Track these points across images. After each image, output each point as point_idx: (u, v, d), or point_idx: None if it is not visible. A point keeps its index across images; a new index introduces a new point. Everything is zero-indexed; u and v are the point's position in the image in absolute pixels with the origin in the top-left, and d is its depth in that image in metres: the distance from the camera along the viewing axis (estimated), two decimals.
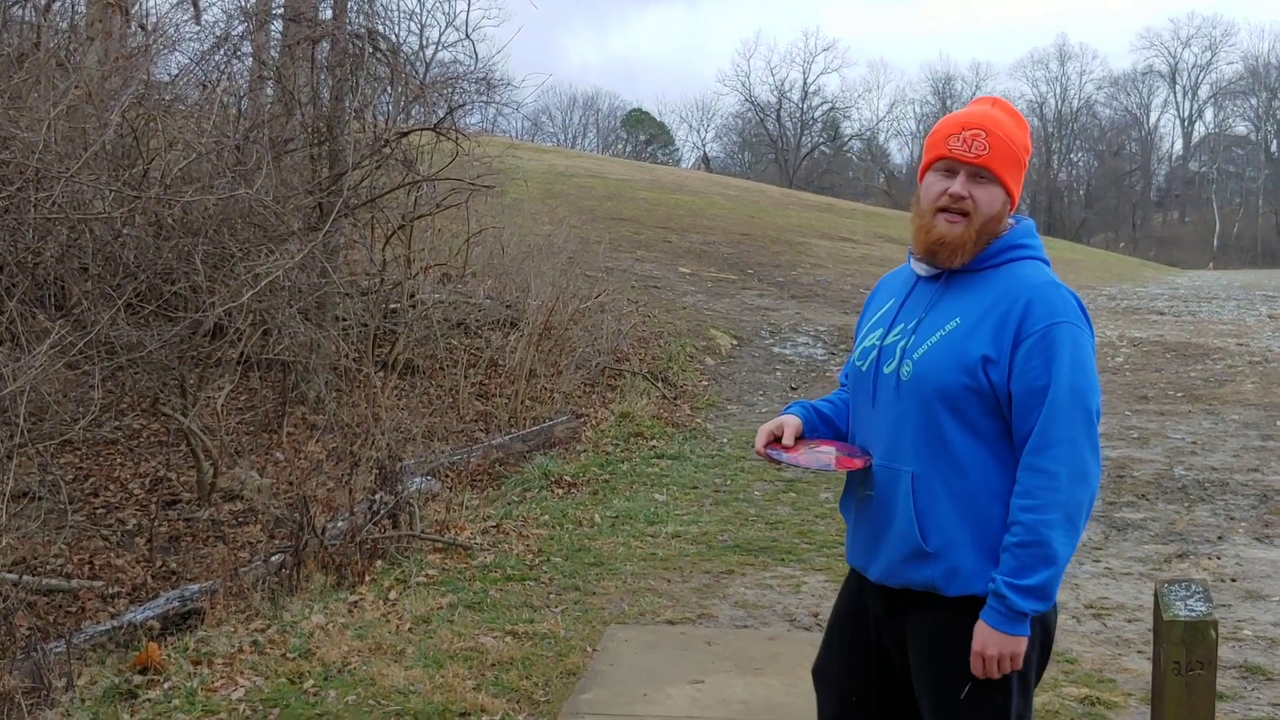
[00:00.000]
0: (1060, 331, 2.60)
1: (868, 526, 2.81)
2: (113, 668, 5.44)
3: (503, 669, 5.32)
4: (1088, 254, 42.17)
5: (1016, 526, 2.55)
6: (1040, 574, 2.53)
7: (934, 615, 2.69)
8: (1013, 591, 2.53)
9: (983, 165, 2.72)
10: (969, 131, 2.74)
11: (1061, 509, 2.53)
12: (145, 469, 9.73)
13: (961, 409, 2.65)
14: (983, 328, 2.65)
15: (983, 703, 2.63)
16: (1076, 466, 2.55)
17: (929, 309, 2.77)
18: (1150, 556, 7.50)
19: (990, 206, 2.73)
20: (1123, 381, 13.67)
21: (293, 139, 10.55)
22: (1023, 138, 2.80)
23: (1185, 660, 2.50)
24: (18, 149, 6.07)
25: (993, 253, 2.75)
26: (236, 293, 7.57)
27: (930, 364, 2.68)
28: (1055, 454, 2.54)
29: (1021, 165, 2.79)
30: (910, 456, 2.69)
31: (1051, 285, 2.68)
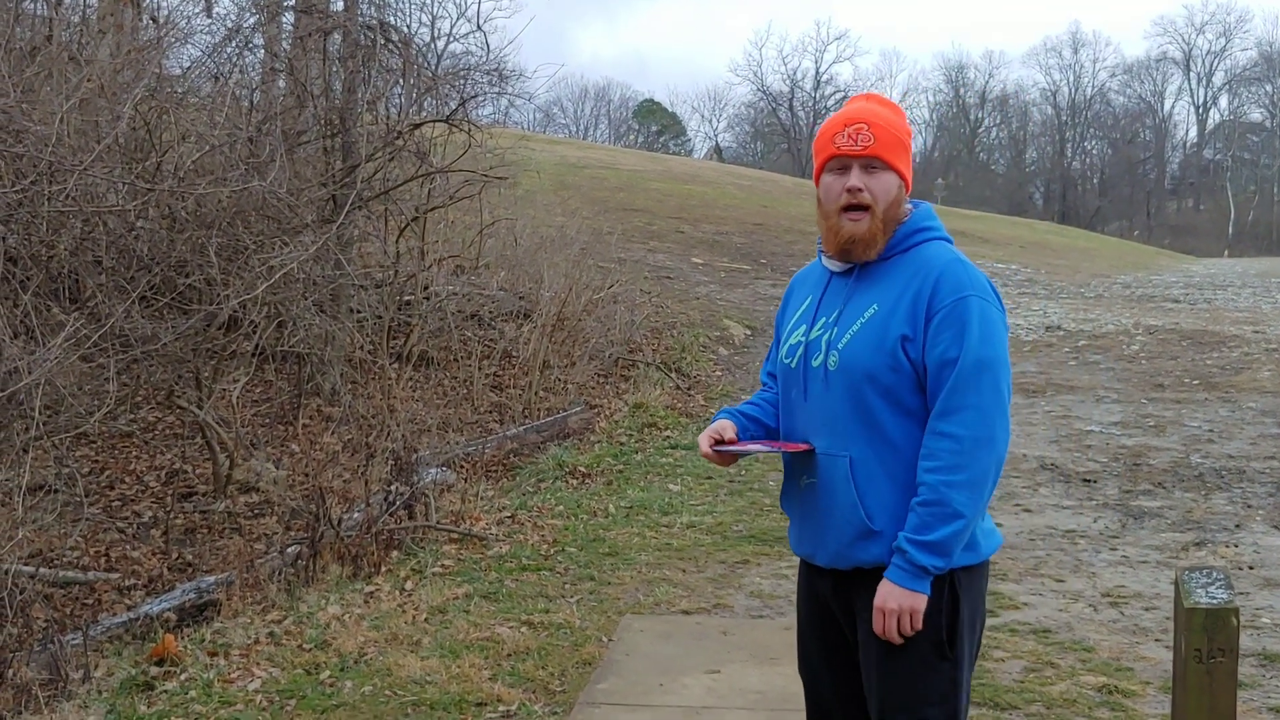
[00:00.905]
0: (968, 305, 2.72)
1: (812, 514, 2.89)
2: (129, 659, 5.46)
3: (519, 659, 5.32)
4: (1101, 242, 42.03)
5: (921, 487, 2.67)
6: (939, 530, 2.63)
7: (877, 586, 2.77)
8: (913, 547, 2.66)
9: (871, 155, 2.83)
10: (852, 127, 2.85)
11: (964, 471, 2.63)
12: (161, 462, 9.75)
13: (888, 390, 2.75)
14: (899, 310, 2.77)
15: (926, 673, 2.73)
16: (981, 431, 2.65)
17: (847, 301, 2.88)
18: (1167, 545, 7.46)
19: (887, 194, 2.84)
20: (1138, 370, 13.61)
21: (305, 131, 10.55)
22: (901, 123, 2.92)
23: (1206, 648, 2.48)
24: (31, 142, 6.08)
25: (899, 239, 2.87)
26: (251, 285, 7.57)
27: (854, 351, 2.79)
28: (960, 419, 2.66)
29: (906, 149, 2.91)
30: (846, 441, 2.79)
31: (958, 262, 2.81)
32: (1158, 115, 79.79)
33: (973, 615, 2.81)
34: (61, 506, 7.40)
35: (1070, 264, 26.83)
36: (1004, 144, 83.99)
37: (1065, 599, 6.40)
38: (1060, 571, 6.90)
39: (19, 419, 5.80)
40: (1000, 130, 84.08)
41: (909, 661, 2.73)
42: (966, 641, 2.79)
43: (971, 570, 2.81)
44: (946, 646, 2.74)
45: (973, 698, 4.86)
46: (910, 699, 2.74)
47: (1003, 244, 29.86)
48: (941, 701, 2.74)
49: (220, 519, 8.54)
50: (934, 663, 2.73)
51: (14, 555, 5.74)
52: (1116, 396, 12.23)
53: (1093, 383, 12.95)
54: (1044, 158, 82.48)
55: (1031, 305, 18.74)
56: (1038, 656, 5.45)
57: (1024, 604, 6.28)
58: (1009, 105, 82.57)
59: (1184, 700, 2.50)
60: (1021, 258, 26.86)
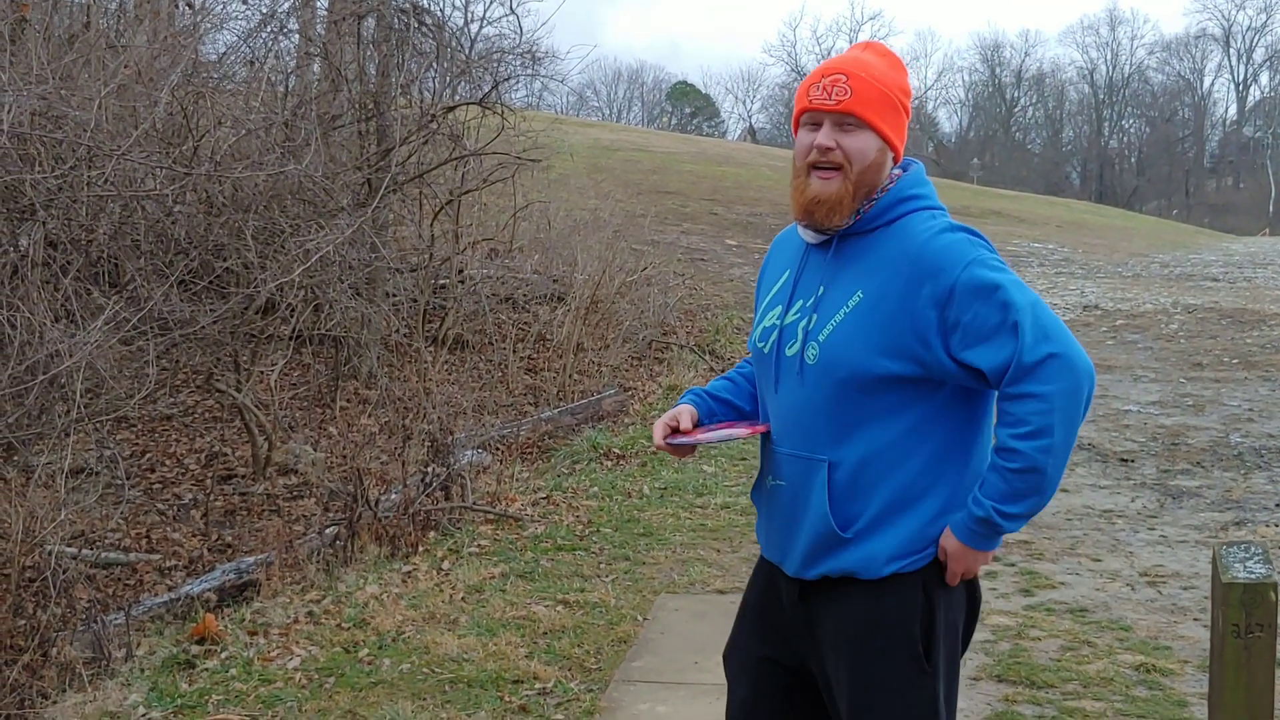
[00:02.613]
0: (976, 271, 2.41)
1: (780, 517, 2.63)
2: (171, 638, 5.52)
3: (555, 637, 5.35)
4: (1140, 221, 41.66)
5: (1008, 453, 2.38)
6: (1028, 501, 2.41)
7: (850, 601, 2.53)
8: (999, 516, 2.39)
9: (845, 111, 2.50)
10: (828, 78, 2.52)
11: (1056, 433, 2.35)
12: (200, 445, 9.85)
13: (875, 391, 2.46)
14: (889, 302, 2.45)
15: (904, 689, 2.48)
16: (1068, 380, 2.36)
17: (827, 282, 2.56)
18: (1206, 524, 7.41)
19: (864, 156, 2.51)
20: (1177, 349, 13.49)
21: (340, 115, 10.60)
22: (895, 78, 2.58)
23: (1244, 623, 2.46)
24: (70, 128, 6.14)
25: (881, 209, 2.54)
26: (287, 268, 7.63)
27: (837, 346, 2.49)
28: (1042, 373, 2.35)
29: (895, 107, 2.56)
30: (824, 444, 2.52)
31: (945, 233, 2.48)
32: (1197, 93, 78.94)
33: (951, 620, 2.55)
34: (103, 489, 7.50)
35: (1108, 243, 26.60)
36: (1040, 123, 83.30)
37: (1103, 578, 6.37)
38: (1098, 551, 6.87)
39: (60, 401, 5.88)
40: (1037, 109, 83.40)
41: (883, 679, 2.48)
42: (944, 649, 2.52)
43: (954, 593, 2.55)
44: (924, 660, 2.48)
45: (1008, 676, 4.89)
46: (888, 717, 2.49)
47: (1039, 224, 29.64)
48: (928, 715, 2.49)
49: (259, 501, 8.62)
50: (911, 677, 2.47)
51: (57, 536, 5.81)
52: (1154, 376, 12.14)
53: (1130, 362, 12.86)
54: (1081, 137, 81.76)
55: (1068, 285, 18.61)
56: (1074, 635, 5.44)
57: (1061, 583, 6.26)
58: (1045, 84, 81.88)
59: (1221, 675, 2.49)
60: (1058, 237, 26.66)
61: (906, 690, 2.47)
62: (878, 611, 2.50)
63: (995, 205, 32.95)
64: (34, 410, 5.83)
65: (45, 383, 5.52)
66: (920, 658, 2.47)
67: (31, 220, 6.10)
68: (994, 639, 5.38)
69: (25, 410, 5.72)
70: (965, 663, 5.02)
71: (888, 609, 2.50)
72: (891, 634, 2.49)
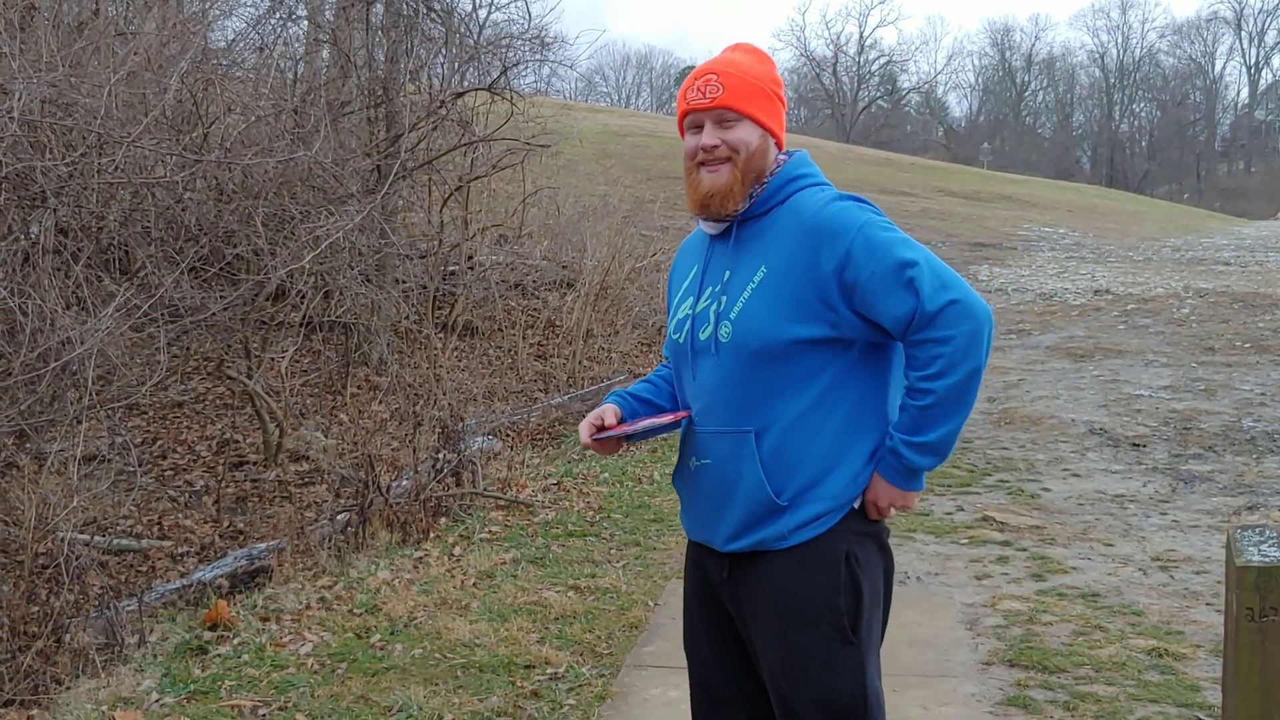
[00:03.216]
0: (870, 232, 2.52)
1: (708, 496, 2.70)
2: (183, 624, 5.54)
3: (566, 622, 5.36)
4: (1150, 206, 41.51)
5: (917, 393, 2.51)
6: (936, 430, 2.51)
7: (775, 574, 2.61)
8: (908, 449, 2.53)
9: (721, 107, 2.65)
10: (701, 80, 2.68)
11: (962, 366, 2.47)
12: (212, 431, 9.87)
13: (789, 357, 2.56)
14: (793, 273, 2.57)
15: (830, 660, 2.57)
16: (967, 322, 2.47)
17: (731, 267, 2.68)
18: (1219, 509, 7.39)
19: (747, 145, 2.65)
20: (1188, 333, 13.45)
21: (349, 102, 10.59)
22: (765, 70, 2.73)
23: (1259, 606, 2.45)
24: (80, 115, 6.14)
25: (772, 191, 2.68)
26: (297, 255, 7.63)
27: (749, 319, 2.59)
28: (943, 319, 2.47)
29: (769, 97, 2.70)
30: (747, 416, 2.61)
31: (834, 202, 2.60)
32: (1208, 76, 78.54)
33: (874, 590, 2.63)
34: (115, 476, 7.52)
35: (1119, 227, 26.51)
36: (1051, 107, 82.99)
37: (1114, 563, 6.36)
38: (1109, 536, 6.86)
39: (72, 388, 5.89)
40: (1047, 94, 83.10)
41: (810, 651, 2.57)
42: (870, 621, 2.61)
43: (866, 544, 2.63)
44: (849, 631, 2.57)
45: (1020, 660, 4.89)
46: (816, 690, 2.56)
47: (1050, 208, 29.55)
48: (851, 688, 2.57)
49: (271, 487, 8.64)
50: (837, 649, 2.56)
51: (69, 523, 5.83)
52: (1166, 360, 12.10)
53: (1142, 346, 12.82)
54: (1091, 121, 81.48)
55: (1079, 269, 18.56)
56: (1086, 620, 5.43)
57: (1073, 568, 6.25)
58: (1056, 68, 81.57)
59: (1235, 660, 2.48)
60: (1069, 222, 26.57)
61: (833, 661, 2.57)
62: (802, 583, 2.59)
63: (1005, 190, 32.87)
64: (46, 397, 5.84)
65: (57, 370, 5.53)
66: (845, 629, 2.57)
67: (43, 207, 6.10)
68: (1006, 624, 5.37)
69: (37, 397, 5.73)
70: (976, 647, 5.04)
71: (812, 581, 2.58)
72: (816, 606, 2.58)
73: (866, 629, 2.60)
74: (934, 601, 5.74)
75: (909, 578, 6.12)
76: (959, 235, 22.24)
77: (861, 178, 30.14)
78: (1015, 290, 16.77)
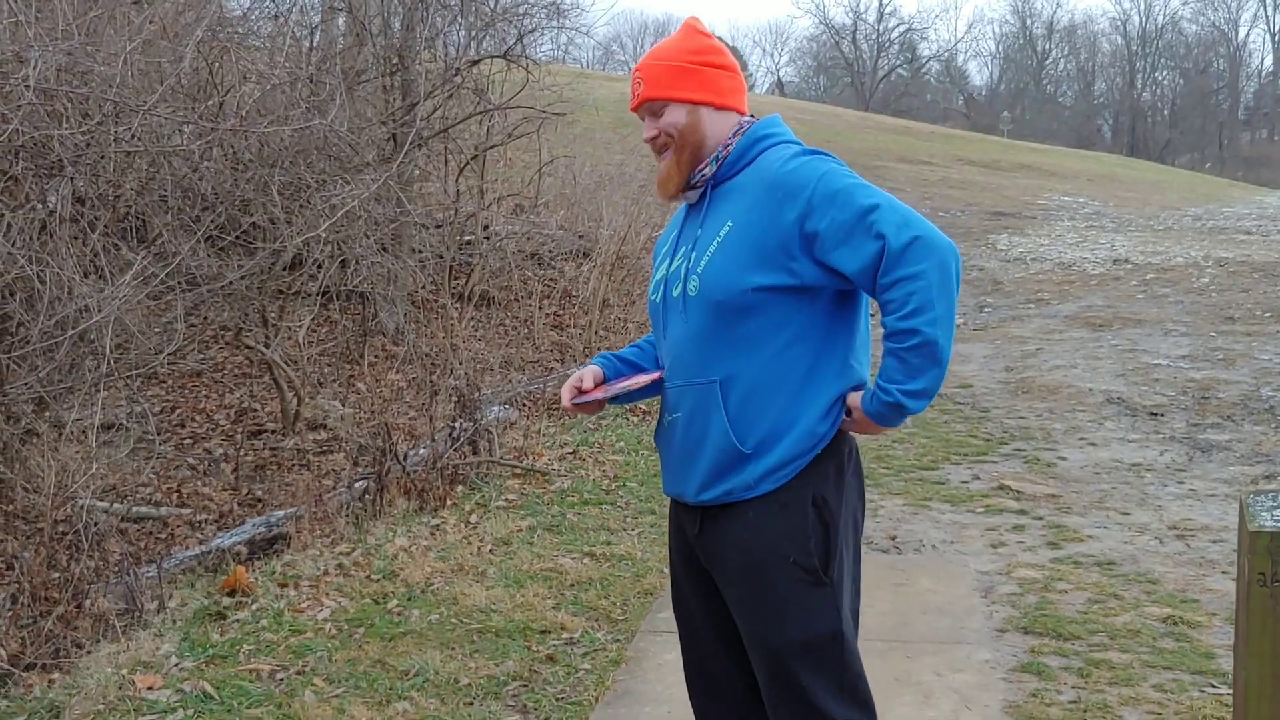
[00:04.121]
0: (832, 179, 2.56)
1: (680, 449, 2.78)
2: (202, 590, 5.58)
3: (582, 589, 5.39)
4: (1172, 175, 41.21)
5: (901, 334, 2.50)
6: (928, 375, 2.52)
7: (744, 517, 2.67)
8: (904, 395, 2.53)
9: (645, 100, 2.77)
10: (632, 80, 2.81)
11: (938, 305, 2.48)
12: (231, 400, 9.92)
13: (753, 307, 2.61)
14: (757, 224, 2.62)
15: (804, 601, 2.62)
16: (935, 257, 2.49)
17: (702, 226, 2.75)
18: (1236, 478, 7.37)
19: (675, 126, 2.75)
20: (1208, 302, 13.38)
21: (365, 70, 10.57)
22: (684, 45, 2.80)
23: (1271, 571, 2.44)
24: (95, 84, 6.14)
25: (739, 154, 2.75)
26: (313, 223, 7.64)
27: (713, 272, 2.65)
28: (911, 255, 2.48)
29: (689, 71, 2.77)
30: (713, 367, 2.67)
31: (796, 157, 2.65)
32: (1232, 43, 77.75)
33: (845, 531, 2.68)
34: (134, 444, 7.57)
35: (1139, 196, 26.34)
36: (1072, 76, 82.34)
37: (1130, 531, 6.35)
38: (1126, 504, 6.85)
39: (89, 356, 5.92)
40: (1068, 62, 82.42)
41: (785, 596, 2.62)
42: (841, 560, 2.66)
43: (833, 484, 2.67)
44: (820, 573, 2.62)
45: (1034, 628, 4.89)
46: (795, 633, 2.62)
47: (1069, 177, 29.37)
48: (828, 626, 2.63)
49: (289, 455, 8.68)
50: (811, 591, 2.62)
51: (88, 490, 5.87)
52: (1185, 330, 12.04)
53: (1161, 316, 12.76)
54: (1113, 89, 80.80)
55: (1099, 239, 18.46)
56: (1101, 588, 5.43)
57: (1088, 536, 6.25)
58: (1077, 35, 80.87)
59: (1247, 624, 2.47)
60: (1089, 191, 26.41)
61: (808, 603, 2.62)
62: (772, 531, 2.64)
63: (1025, 159, 32.68)
64: (64, 365, 5.87)
65: (75, 337, 5.56)
66: (816, 570, 2.62)
67: (60, 176, 6.12)
68: (1021, 592, 5.38)
69: (56, 365, 5.76)
70: (991, 615, 5.05)
71: (782, 528, 2.64)
72: (786, 552, 2.63)
73: (838, 569, 2.65)
74: (949, 570, 5.75)
75: (924, 545, 6.13)
76: (978, 204, 22.12)
77: (880, 146, 29.99)
78: (1034, 260, 16.70)
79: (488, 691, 4.33)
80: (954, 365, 11.10)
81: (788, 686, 2.65)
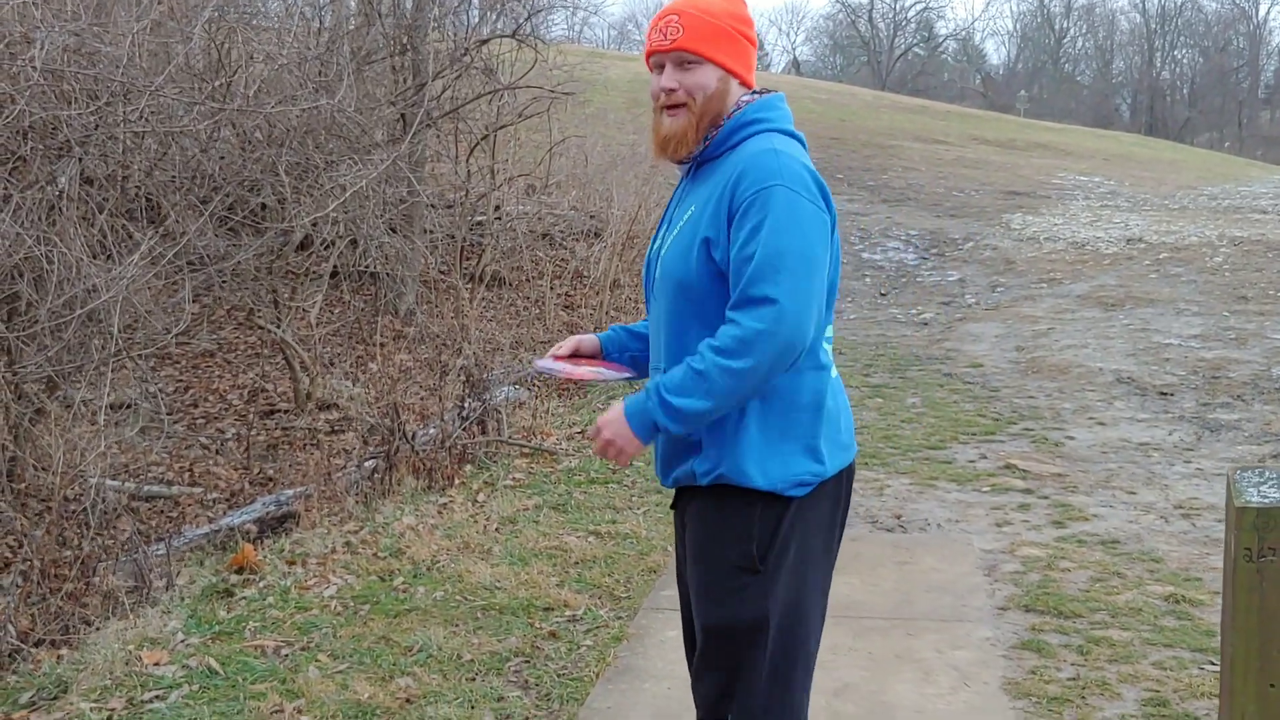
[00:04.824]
0: (771, 195, 2.46)
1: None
2: (211, 568, 5.64)
3: (586, 566, 5.42)
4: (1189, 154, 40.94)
5: (699, 356, 2.46)
6: (691, 400, 2.46)
7: (697, 502, 2.67)
8: (659, 400, 2.49)
9: (679, 49, 2.62)
10: (664, 20, 2.65)
11: (741, 359, 2.41)
12: (244, 380, 9.99)
13: (696, 299, 2.57)
14: (707, 211, 2.56)
15: (733, 584, 2.60)
16: (771, 326, 2.41)
17: (678, 205, 2.71)
18: (1243, 457, 7.36)
19: (704, 89, 2.62)
20: (1221, 281, 13.31)
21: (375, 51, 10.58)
22: (728, 8, 2.67)
23: (1257, 547, 2.45)
24: (104, 64, 6.17)
25: (726, 134, 2.64)
26: (321, 203, 7.67)
27: (670, 258, 2.62)
28: (752, 313, 2.42)
29: (731, 36, 2.65)
30: (675, 351, 2.62)
31: (769, 152, 2.54)
32: (1252, 21, 77.04)
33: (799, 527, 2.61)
34: (144, 423, 7.62)
35: (1155, 176, 26.18)
36: (1090, 54, 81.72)
37: (1136, 510, 6.35)
38: (1132, 484, 6.84)
39: (97, 336, 5.97)
40: (1086, 40, 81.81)
41: (715, 577, 2.62)
42: (783, 558, 2.60)
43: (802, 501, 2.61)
44: (756, 560, 2.58)
45: (1036, 605, 4.91)
46: (720, 614, 2.62)
47: (1085, 157, 29.21)
48: (752, 614, 2.59)
49: (301, 435, 8.74)
50: (740, 575, 2.59)
51: (97, 468, 5.92)
52: (1197, 309, 12.00)
53: (1173, 295, 12.72)
54: (1131, 68, 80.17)
55: (1113, 218, 18.37)
56: (1105, 567, 5.43)
57: (1094, 515, 6.25)
58: (1095, 14, 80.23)
59: (1233, 599, 2.49)
60: (1104, 170, 26.27)
61: (739, 588, 2.60)
62: (718, 519, 2.63)
63: (1040, 138, 32.51)
64: (73, 345, 5.92)
65: (83, 317, 5.60)
66: (753, 557, 2.58)
67: (68, 157, 6.15)
68: (1024, 570, 5.39)
69: (64, 344, 5.81)
70: (993, 593, 5.06)
71: (725, 515, 2.61)
72: (728, 534, 2.61)
73: (776, 562, 2.59)
74: (953, 548, 5.76)
75: (930, 524, 6.15)
76: (993, 183, 22.03)
77: (895, 125, 29.87)
78: (1047, 239, 16.63)
79: (490, 667, 4.37)
80: (965, 344, 11.11)
81: (706, 663, 2.69)
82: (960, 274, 14.95)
